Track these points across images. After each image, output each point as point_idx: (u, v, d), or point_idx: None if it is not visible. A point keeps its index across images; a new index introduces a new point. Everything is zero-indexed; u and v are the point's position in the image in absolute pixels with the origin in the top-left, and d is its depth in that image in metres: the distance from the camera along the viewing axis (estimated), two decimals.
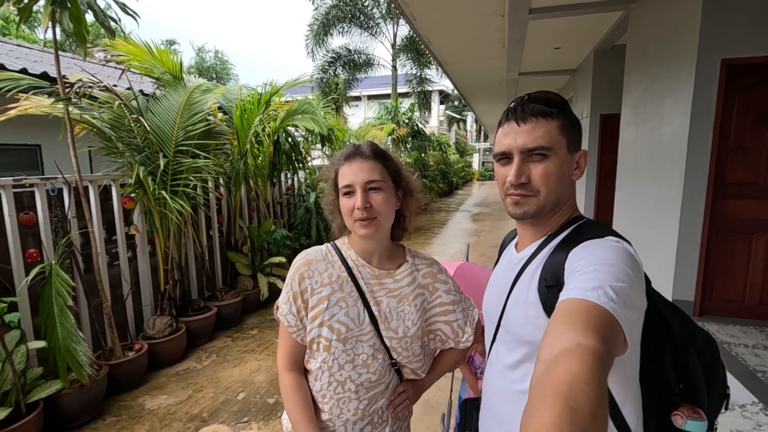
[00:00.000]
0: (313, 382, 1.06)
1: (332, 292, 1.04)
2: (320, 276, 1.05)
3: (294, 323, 1.04)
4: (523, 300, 0.84)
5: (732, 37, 3.13)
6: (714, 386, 0.85)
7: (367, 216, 1.00)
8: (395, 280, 1.09)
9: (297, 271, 1.05)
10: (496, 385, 0.92)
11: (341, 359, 1.02)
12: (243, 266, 4.80)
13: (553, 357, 0.55)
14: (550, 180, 0.82)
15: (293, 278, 1.05)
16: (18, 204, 2.80)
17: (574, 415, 0.46)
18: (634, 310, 0.67)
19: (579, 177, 0.87)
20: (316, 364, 1.04)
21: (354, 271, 1.07)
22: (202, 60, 27.78)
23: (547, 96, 0.85)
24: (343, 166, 1.04)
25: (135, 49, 3.84)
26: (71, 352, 2.58)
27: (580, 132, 0.87)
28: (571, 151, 0.85)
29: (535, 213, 0.85)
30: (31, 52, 7.27)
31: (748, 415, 2.27)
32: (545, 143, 0.82)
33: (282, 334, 1.07)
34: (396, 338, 1.06)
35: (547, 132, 0.82)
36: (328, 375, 1.03)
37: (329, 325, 1.02)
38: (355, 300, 1.05)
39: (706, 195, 3.33)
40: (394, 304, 1.08)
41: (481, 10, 4.81)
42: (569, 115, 0.85)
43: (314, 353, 1.05)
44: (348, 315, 1.03)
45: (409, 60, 14.83)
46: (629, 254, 0.75)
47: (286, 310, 1.05)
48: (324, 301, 1.03)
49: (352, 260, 1.09)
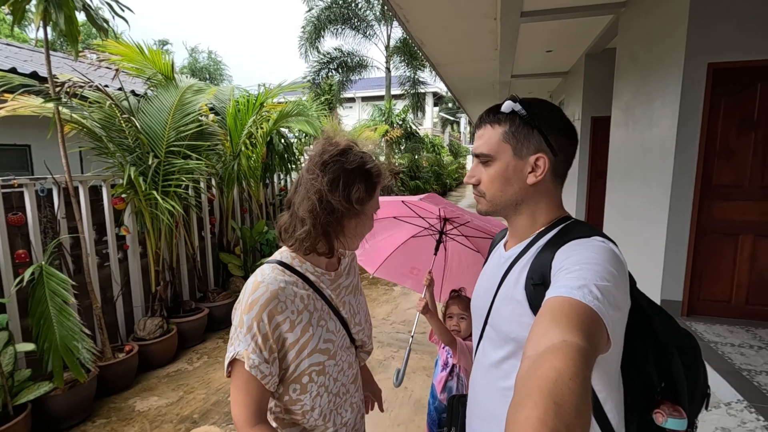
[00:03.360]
0: (310, 414, 0.98)
1: (311, 315, 0.96)
2: (293, 304, 0.94)
3: (268, 372, 0.90)
4: (509, 298, 0.86)
5: (718, 41, 3.18)
6: (695, 386, 0.87)
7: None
8: (345, 275, 1.10)
9: (264, 310, 0.89)
10: (483, 382, 0.93)
11: (334, 373, 1.01)
12: (235, 267, 4.78)
13: (539, 354, 0.56)
14: (492, 184, 0.89)
15: (259, 319, 0.88)
16: (7, 204, 2.78)
17: (558, 411, 0.46)
18: (618, 309, 0.68)
19: (536, 180, 0.86)
20: (311, 396, 0.96)
21: (317, 285, 1.00)
22: (195, 60, 27.66)
23: (498, 105, 0.89)
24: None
25: (126, 49, 3.82)
26: (71, 350, 2.59)
27: (546, 135, 0.85)
28: (522, 156, 0.86)
29: (486, 212, 0.93)
30: (20, 52, 7.20)
31: (733, 412, 2.31)
32: (485, 150, 0.88)
33: (245, 388, 0.89)
34: (361, 329, 1.10)
35: (489, 139, 0.88)
36: (327, 395, 0.99)
37: (319, 348, 0.97)
38: (328, 312, 1.01)
39: (693, 196, 3.38)
40: (353, 300, 1.09)
41: (474, 12, 4.85)
42: (525, 121, 0.85)
43: (306, 386, 0.96)
44: (329, 330, 1.00)
45: (402, 62, 14.86)
46: (614, 254, 0.76)
47: (257, 360, 0.88)
48: (308, 329, 0.95)
49: (311, 273, 1.00)
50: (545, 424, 0.45)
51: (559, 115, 0.88)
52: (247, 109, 4.62)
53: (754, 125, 3.19)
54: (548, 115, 0.87)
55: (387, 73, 15.66)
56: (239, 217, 5.18)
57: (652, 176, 3.83)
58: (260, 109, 4.69)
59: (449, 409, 1.14)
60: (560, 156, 0.87)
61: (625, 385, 0.83)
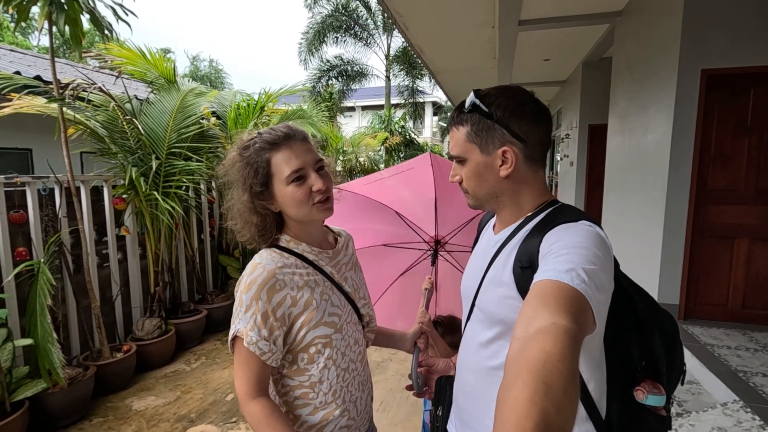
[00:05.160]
0: (318, 387, 0.99)
1: (312, 290, 0.98)
2: (292, 281, 0.96)
3: (267, 349, 0.92)
4: (498, 280, 0.87)
5: (711, 49, 3.25)
6: (674, 363, 0.90)
7: (327, 196, 0.99)
8: (344, 253, 1.13)
9: (262, 289, 0.92)
10: (470, 363, 0.95)
11: (342, 347, 1.02)
12: (234, 270, 4.79)
13: (529, 336, 0.58)
14: (470, 182, 0.91)
15: (258, 297, 0.91)
16: (9, 202, 2.80)
17: (547, 391, 0.48)
18: (603, 292, 0.70)
19: (508, 171, 0.86)
20: (318, 367, 0.99)
21: (316, 263, 1.02)
22: (196, 69, 27.84)
23: (460, 104, 0.90)
24: (279, 153, 0.96)
25: (129, 53, 3.88)
26: (47, 352, 2.55)
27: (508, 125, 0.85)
28: (489, 152, 0.87)
29: (474, 206, 0.95)
30: (24, 57, 7.28)
31: (729, 412, 2.32)
32: (455, 152, 0.91)
33: (245, 363, 0.93)
34: (366, 303, 1.13)
35: (457, 140, 0.90)
36: (335, 369, 1.01)
37: (324, 321, 0.99)
38: (331, 288, 1.03)
39: (689, 201, 3.41)
40: (353, 275, 1.13)
41: (473, 20, 4.93)
42: (485, 115, 0.85)
43: (313, 356, 0.98)
44: (333, 304, 1.02)
45: (402, 71, 15.02)
46: (600, 238, 0.79)
47: (255, 337, 0.91)
48: (311, 302, 0.97)
49: (308, 252, 1.02)
50: (535, 403, 0.46)
51: (522, 101, 0.86)
52: (248, 112, 4.67)
53: (748, 130, 3.24)
54: (509, 103, 0.85)
55: (387, 82, 15.82)
56: None
57: (648, 181, 3.87)
58: (261, 113, 4.74)
59: (437, 390, 1.16)
60: (529, 141, 0.85)
61: (608, 365, 0.85)
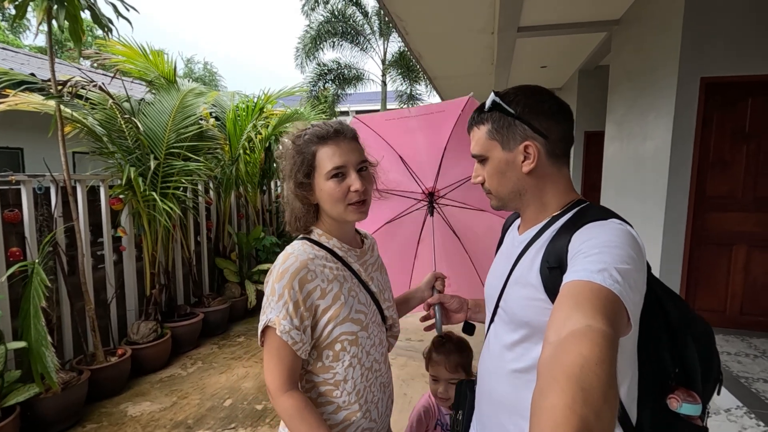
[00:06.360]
0: (343, 385, 0.98)
1: (341, 285, 0.99)
2: (322, 274, 0.96)
3: (299, 338, 0.92)
4: (524, 281, 0.85)
5: (711, 57, 3.29)
6: (709, 373, 0.86)
7: (363, 198, 0.98)
8: (370, 254, 1.13)
9: (294, 278, 0.92)
10: (493, 365, 0.93)
11: (367, 346, 1.02)
12: (231, 273, 4.72)
13: (562, 339, 0.55)
14: (492, 180, 0.91)
15: (290, 287, 0.91)
16: (3, 201, 2.73)
17: (586, 397, 0.46)
18: (638, 292, 0.68)
19: (531, 167, 0.86)
20: (343, 365, 0.98)
21: (345, 259, 1.03)
22: (190, 71, 27.67)
23: (480, 106, 0.91)
24: (326, 147, 0.96)
25: (129, 51, 3.83)
26: (41, 356, 2.48)
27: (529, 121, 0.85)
28: (510, 148, 0.86)
29: (498, 207, 0.94)
30: (17, 55, 7.18)
31: (733, 418, 2.32)
32: (477, 151, 0.91)
33: (277, 355, 0.92)
34: (390, 305, 1.12)
35: (479, 139, 0.91)
36: (360, 367, 1.00)
37: (351, 318, 0.98)
38: (358, 285, 1.04)
39: (688, 208, 3.44)
40: (379, 276, 1.12)
41: (472, 26, 4.95)
42: (506, 113, 0.86)
43: (338, 354, 0.97)
44: (360, 301, 1.02)
45: (399, 75, 15.06)
46: (633, 237, 0.76)
47: (287, 326, 0.90)
48: (339, 297, 0.97)
49: (338, 248, 1.03)
50: (574, 411, 0.44)
51: (542, 98, 0.87)
52: (246, 114, 4.63)
53: (746, 138, 3.28)
54: (528, 101, 0.86)
55: (383, 87, 15.84)
56: (236, 222, 5.14)
57: (646, 188, 3.90)
58: (259, 115, 4.71)
59: (457, 394, 1.13)
60: (552, 137, 0.85)
61: (639, 371, 0.82)
